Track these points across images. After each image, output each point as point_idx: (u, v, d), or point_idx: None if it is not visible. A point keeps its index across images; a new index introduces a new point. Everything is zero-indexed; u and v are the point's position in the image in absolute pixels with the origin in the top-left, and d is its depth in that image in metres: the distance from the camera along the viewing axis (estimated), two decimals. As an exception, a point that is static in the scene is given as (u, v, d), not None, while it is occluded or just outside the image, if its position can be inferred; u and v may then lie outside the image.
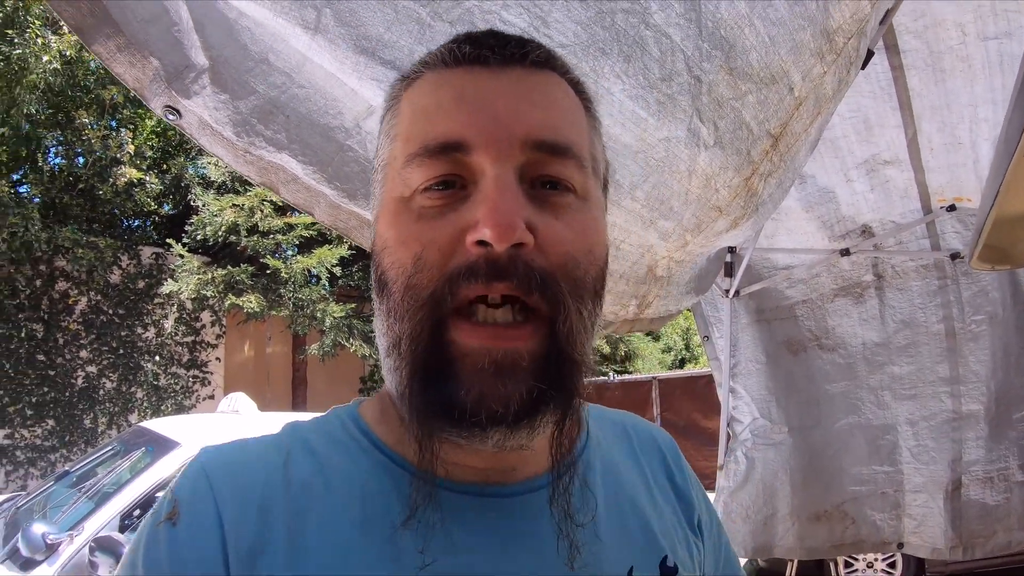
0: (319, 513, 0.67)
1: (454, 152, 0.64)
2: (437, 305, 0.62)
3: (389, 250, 0.66)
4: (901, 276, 3.44)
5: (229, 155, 1.45)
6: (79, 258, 10.61)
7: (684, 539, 0.84)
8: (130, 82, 1.26)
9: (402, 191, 0.67)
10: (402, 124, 0.71)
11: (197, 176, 13.01)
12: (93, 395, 11.40)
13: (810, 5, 1.58)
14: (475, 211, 0.62)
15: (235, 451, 0.73)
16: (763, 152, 1.90)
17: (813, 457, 3.65)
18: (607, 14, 1.38)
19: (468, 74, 0.68)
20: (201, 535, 0.64)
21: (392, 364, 0.67)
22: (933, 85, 2.55)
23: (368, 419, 0.76)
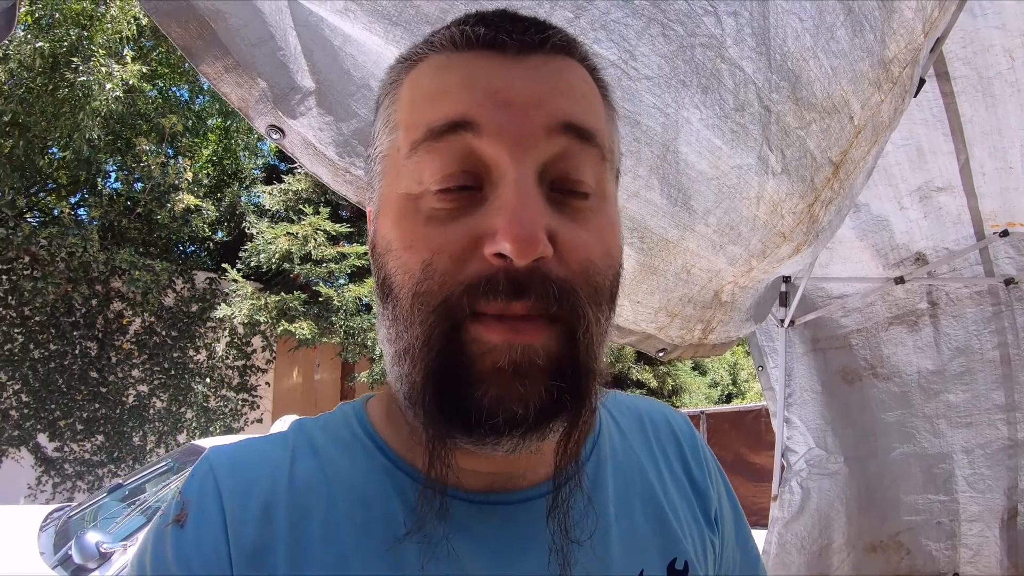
0: (321, 515, 0.66)
1: (463, 131, 0.60)
2: (451, 312, 0.58)
3: (394, 253, 0.62)
4: (955, 303, 3.43)
5: (329, 174, 1.51)
6: (135, 280, 10.84)
7: (699, 535, 0.81)
8: (235, 101, 1.32)
9: (409, 187, 0.62)
10: (403, 111, 0.65)
11: (252, 204, 13.29)
12: (143, 413, 11.58)
13: (868, 36, 1.65)
14: (493, 218, 0.58)
15: (242, 450, 0.72)
16: (825, 179, 1.96)
17: (869, 487, 3.62)
18: (687, 48, 1.46)
19: (480, 59, 0.63)
20: (207, 535, 0.64)
21: (402, 371, 0.63)
22: (984, 111, 2.59)
23: (374, 419, 0.75)
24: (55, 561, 4.34)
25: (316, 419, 0.77)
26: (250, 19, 1.27)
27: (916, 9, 1.76)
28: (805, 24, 1.55)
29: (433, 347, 0.59)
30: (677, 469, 0.86)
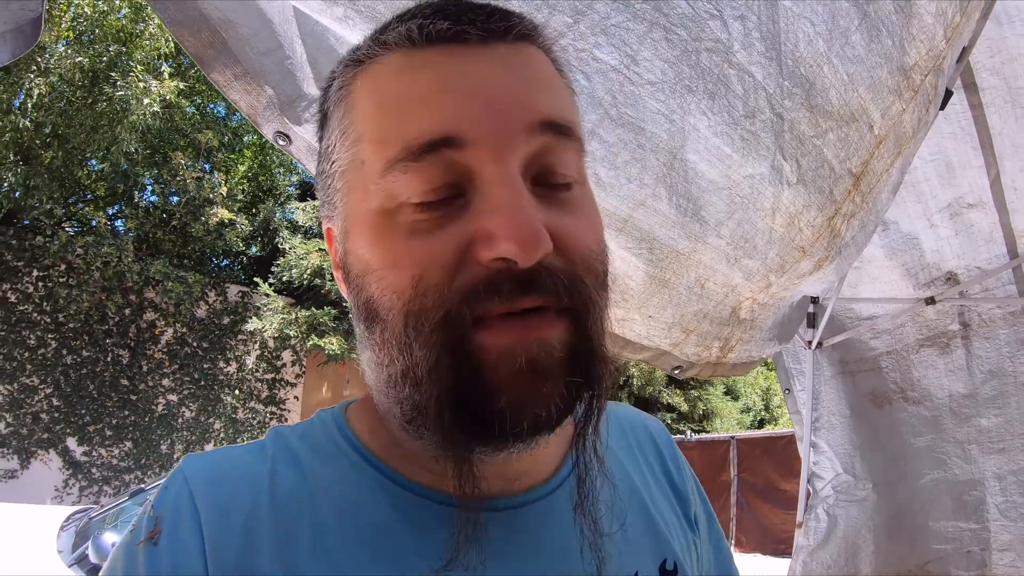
0: (309, 532, 0.62)
1: (445, 149, 0.56)
2: (453, 325, 0.55)
3: (376, 273, 0.58)
4: (988, 324, 3.31)
5: None
6: (168, 291, 11.07)
7: (683, 536, 0.81)
8: (244, 108, 1.33)
9: (383, 203, 0.58)
10: (364, 121, 0.61)
11: (285, 220, 13.47)
12: (172, 422, 11.80)
13: (886, 42, 1.60)
14: (484, 221, 0.55)
15: (219, 462, 0.67)
16: (845, 191, 1.90)
17: (898, 514, 3.51)
18: (692, 53, 1.42)
19: (445, 55, 0.59)
20: (182, 555, 0.60)
21: (402, 395, 0.59)
22: (1014, 122, 2.51)
23: (357, 429, 0.71)
24: (72, 560, 4.45)
25: (294, 427, 0.72)
26: (260, 29, 1.29)
27: (936, 14, 1.70)
28: (818, 28, 1.50)
29: (442, 368, 0.56)
30: (658, 473, 0.85)
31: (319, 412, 0.75)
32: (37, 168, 10.18)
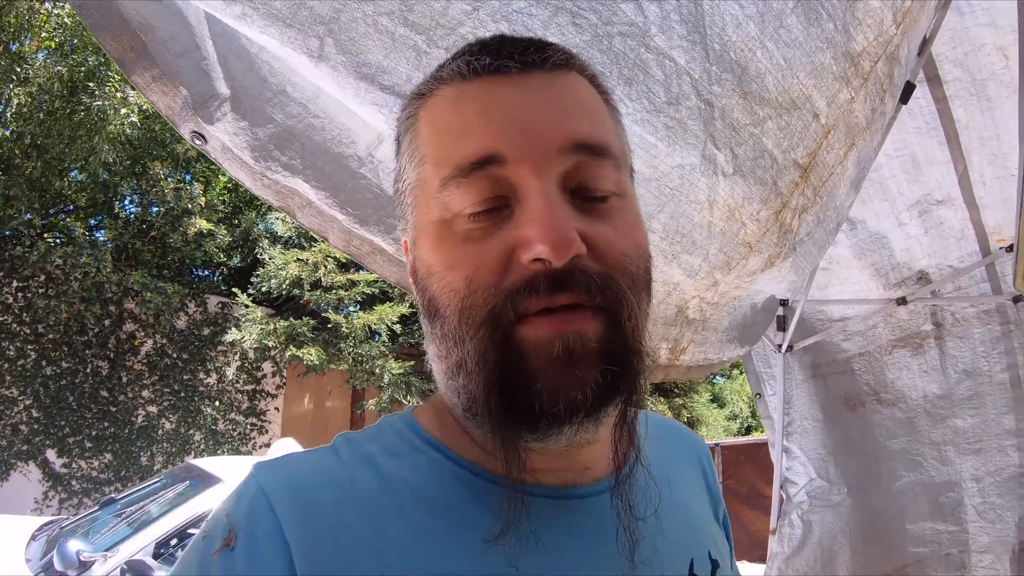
0: (398, 529, 0.65)
1: (489, 166, 0.63)
2: (497, 320, 0.61)
3: (437, 275, 0.66)
4: (962, 323, 3.26)
5: (248, 179, 1.52)
6: (147, 302, 10.93)
7: (718, 533, 0.87)
8: (163, 109, 1.36)
9: (442, 214, 0.66)
10: (426, 145, 0.69)
11: (265, 231, 13.40)
12: (152, 434, 11.64)
13: (827, 26, 1.52)
14: (524, 229, 0.62)
15: (294, 468, 0.69)
16: (792, 184, 1.82)
17: (874, 518, 3.47)
18: (604, 38, 1.35)
19: (490, 85, 0.67)
20: (264, 559, 0.61)
21: (459, 385, 0.66)
22: (980, 115, 2.44)
23: (428, 427, 0.75)
24: (39, 568, 4.47)
25: (360, 433, 0.76)
26: (177, 31, 1.32)
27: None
28: (747, 11, 1.42)
29: (488, 358, 0.62)
30: (697, 474, 0.91)
31: (385, 417, 0.79)
32: (16, 178, 10.08)
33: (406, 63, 1.38)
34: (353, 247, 1.71)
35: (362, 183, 1.63)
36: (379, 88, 1.41)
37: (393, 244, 1.75)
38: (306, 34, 1.33)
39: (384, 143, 1.59)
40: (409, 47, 1.36)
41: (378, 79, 1.40)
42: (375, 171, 1.63)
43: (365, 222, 1.67)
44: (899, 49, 1.83)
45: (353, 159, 1.60)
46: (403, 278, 1.82)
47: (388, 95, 1.42)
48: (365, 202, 1.65)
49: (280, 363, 13.18)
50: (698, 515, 0.84)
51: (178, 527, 4.59)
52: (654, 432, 0.86)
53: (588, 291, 0.61)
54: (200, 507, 4.70)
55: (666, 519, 0.75)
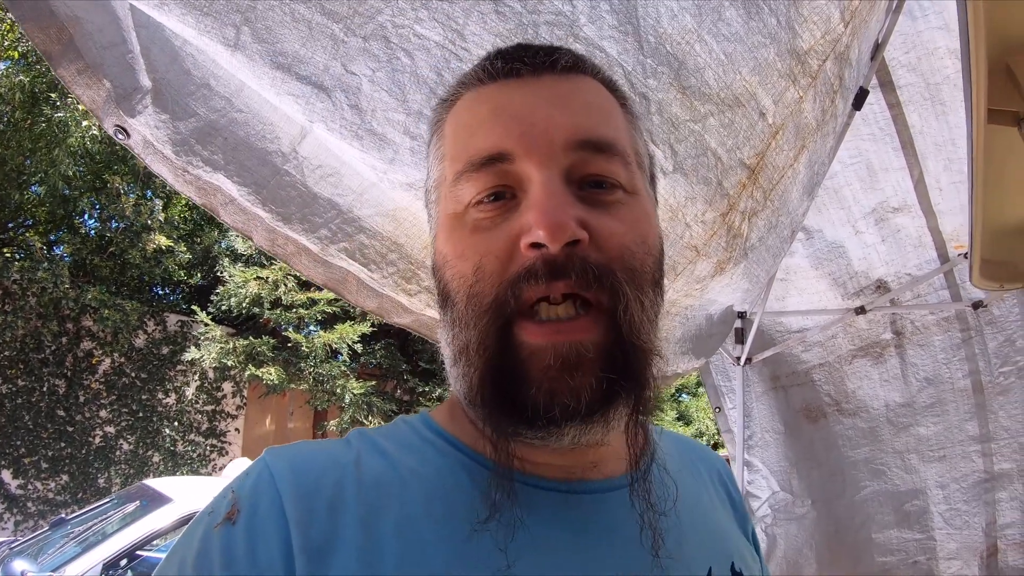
0: (395, 511, 0.65)
1: (498, 163, 0.66)
2: (500, 309, 0.63)
3: (449, 264, 0.69)
4: (922, 331, 3.24)
5: (170, 175, 1.51)
6: (105, 319, 10.74)
7: (745, 547, 0.86)
8: (87, 103, 1.35)
9: (455, 207, 0.69)
10: (447, 145, 0.74)
11: (226, 248, 13.25)
12: (109, 455, 11.41)
13: (770, 21, 1.47)
14: (526, 216, 0.64)
15: (301, 450, 0.71)
16: (739, 185, 1.76)
17: (839, 529, 3.44)
18: (529, 26, 1.32)
19: (503, 87, 0.71)
20: (261, 534, 0.62)
21: (460, 371, 0.68)
22: (934, 120, 2.41)
23: (441, 422, 0.76)
24: None
25: (377, 429, 0.77)
26: (104, 24, 1.31)
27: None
28: (683, 3, 1.37)
29: (487, 348, 0.64)
30: (720, 489, 0.91)
31: (401, 416, 0.80)
32: (-25, 191, 9.93)
33: (323, 52, 1.34)
34: (278, 246, 1.67)
35: (286, 180, 1.59)
36: (296, 78, 1.37)
37: (318, 243, 1.70)
38: (222, 22, 1.30)
39: (307, 138, 1.55)
40: (326, 36, 1.32)
41: (295, 69, 1.36)
42: (299, 167, 1.60)
43: (289, 220, 1.64)
44: (849, 50, 1.78)
45: (277, 155, 1.57)
46: (329, 279, 1.78)
47: (305, 85, 1.38)
48: (289, 199, 1.62)
49: (240, 383, 13.02)
50: (720, 526, 0.84)
51: (127, 547, 4.54)
52: (671, 448, 0.88)
53: (585, 279, 0.62)
54: (149, 527, 4.65)
55: (685, 523, 0.76)
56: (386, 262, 1.78)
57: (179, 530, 4.76)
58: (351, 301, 1.86)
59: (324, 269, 1.77)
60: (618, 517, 0.70)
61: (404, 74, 1.37)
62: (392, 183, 1.56)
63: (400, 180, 1.54)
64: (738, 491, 0.95)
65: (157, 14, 1.32)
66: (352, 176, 1.63)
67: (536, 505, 0.68)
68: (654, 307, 0.68)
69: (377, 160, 1.50)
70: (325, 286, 1.82)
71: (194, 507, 4.82)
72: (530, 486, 0.69)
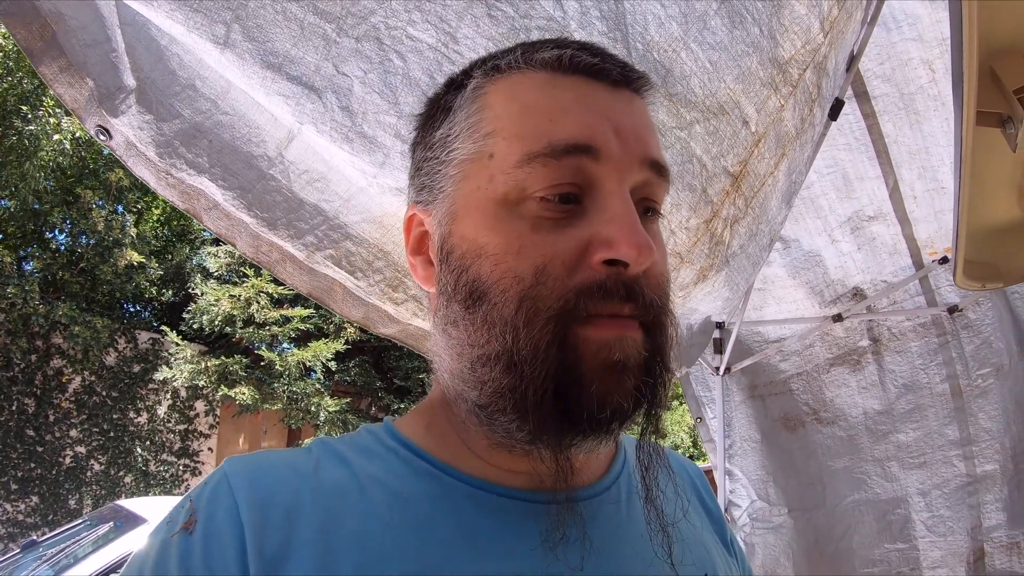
0: (355, 518, 0.64)
1: (583, 155, 0.63)
2: (567, 317, 0.61)
3: (494, 257, 0.63)
4: (899, 338, 3.27)
5: (152, 178, 1.48)
6: (75, 336, 10.56)
7: (723, 556, 0.86)
8: (69, 102, 1.33)
9: (509, 192, 0.64)
10: (501, 120, 0.67)
11: (198, 265, 13.12)
12: (80, 476, 11.16)
13: (753, 30, 1.49)
14: (601, 228, 0.62)
15: (260, 459, 0.70)
16: (723, 192, 1.78)
17: (818, 539, 3.42)
18: (521, 31, 1.33)
19: (588, 85, 0.67)
20: (217, 542, 0.61)
21: (487, 376, 0.64)
22: (908, 129, 2.46)
23: (407, 432, 0.74)
24: None
25: (339, 438, 0.75)
26: (88, 21, 1.30)
27: (809, 4, 1.61)
28: (669, 11, 1.39)
29: (550, 354, 0.60)
30: (695, 500, 0.91)
31: (364, 425, 0.78)
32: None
33: (315, 52, 1.34)
34: (262, 253, 1.66)
35: (271, 184, 1.58)
36: (286, 78, 1.37)
37: (303, 250, 1.68)
38: (212, 19, 1.30)
39: (294, 141, 1.54)
40: (318, 36, 1.32)
41: (285, 68, 1.36)
42: (285, 172, 1.58)
43: (274, 226, 1.62)
44: (827, 60, 1.81)
45: (263, 159, 1.55)
46: (314, 288, 1.76)
47: (295, 85, 1.37)
48: (274, 204, 1.60)
49: (213, 402, 12.84)
50: (700, 536, 0.84)
51: (102, 569, 4.42)
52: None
53: (644, 306, 0.63)
54: (125, 548, 4.55)
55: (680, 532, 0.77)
56: (372, 270, 1.76)
57: None
58: (336, 311, 1.84)
59: (309, 277, 1.75)
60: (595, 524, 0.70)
61: (396, 76, 1.36)
62: (381, 188, 1.55)
63: (390, 184, 1.53)
64: (714, 499, 0.95)
65: (145, 10, 1.31)
66: (339, 181, 1.62)
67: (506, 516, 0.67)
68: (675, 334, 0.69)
69: (367, 164, 1.49)
70: (310, 295, 1.80)
71: None
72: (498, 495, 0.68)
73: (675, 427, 20.97)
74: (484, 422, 0.66)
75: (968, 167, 1.07)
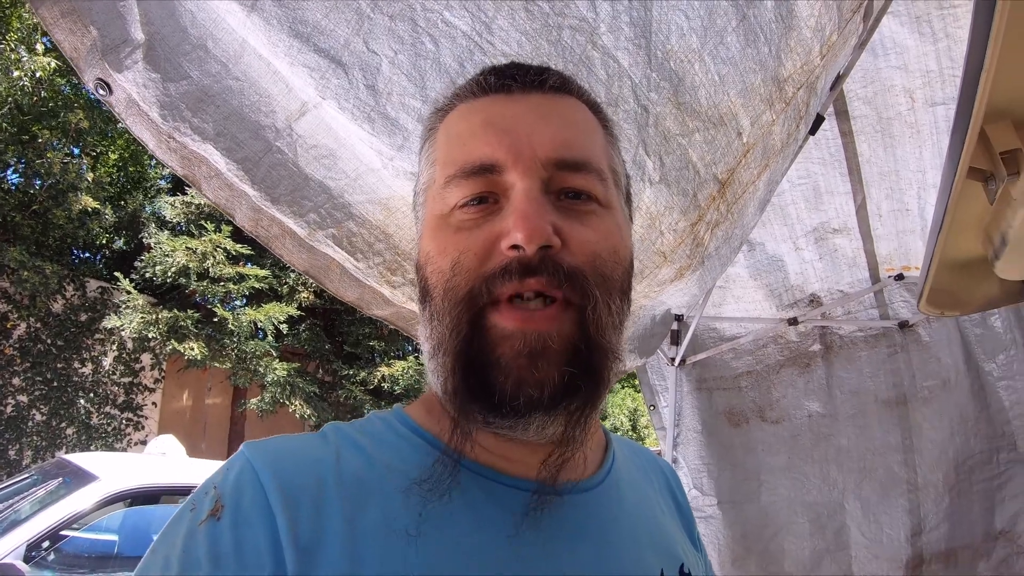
0: (377, 508, 0.66)
1: (488, 173, 0.72)
2: (474, 300, 0.67)
3: (431, 260, 0.73)
4: (849, 346, 3.40)
5: (153, 140, 1.43)
6: (23, 280, 10.32)
7: (692, 552, 0.91)
8: (67, 50, 1.26)
9: (441, 209, 0.74)
10: (439, 151, 0.79)
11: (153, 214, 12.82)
12: (21, 426, 10.91)
13: (763, 49, 1.56)
14: (507, 220, 0.69)
15: (281, 445, 0.72)
16: (710, 197, 1.86)
17: (746, 535, 3.48)
18: (553, 28, 1.35)
19: (494, 102, 0.77)
20: (248, 529, 0.62)
21: (437, 364, 0.71)
22: (882, 151, 2.57)
23: (416, 418, 0.79)
24: None
25: (351, 424, 0.79)
26: None
27: (815, 28, 1.69)
28: (692, 23, 1.44)
29: (460, 333, 0.68)
30: (667, 496, 0.97)
31: (374, 412, 0.82)
32: None
33: (346, 26, 1.32)
34: (261, 228, 1.63)
35: (278, 157, 1.55)
36: (313, 49, 1.35)
37: (305, 227, 1.66)
38: None
39: (307, 115, 1.51)
40: (351, 9, 1.31)
41: (313, 40, 1.34)
42: (292, 146, 1.55)
43: (277, 201, 1.60)
44: (819, 80, 1.90)
45: (270, 129, 1.51)
46: (311, 266, 1.75)
47: (322, 58, 1.36)
48: (279, 179, 1.57)
49: (160, 356, 12.64)
50: (668, 530, 0.88)
51: (51, 527, 4.27)
52: (626, 452, 0.95)
53: (556, 279, 0.67)
54: (75, 506, 4.39)
55: (640, 526, 0.82)
56: (373, 252, 1.77)
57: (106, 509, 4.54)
58: (330, 290, 1.83)
59: (308, 255, 1.74)
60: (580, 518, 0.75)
61: (427, 60, 1.36)
62: (396, 171, 1.55)
63: (406, 168, 1.54)
64: (684, 496, 1.01)
65: None
66: (349, 159, 1.61)
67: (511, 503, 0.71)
68: (620, 314, 0.73)
69: (386, 145, 1.49)
70: (306, 273, 1.78)
71: (122, 486, 4.61)
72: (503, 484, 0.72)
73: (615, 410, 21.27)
74: (456, 408, 0.70)
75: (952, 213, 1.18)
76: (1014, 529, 3.02)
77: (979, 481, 3.13)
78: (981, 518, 3.12)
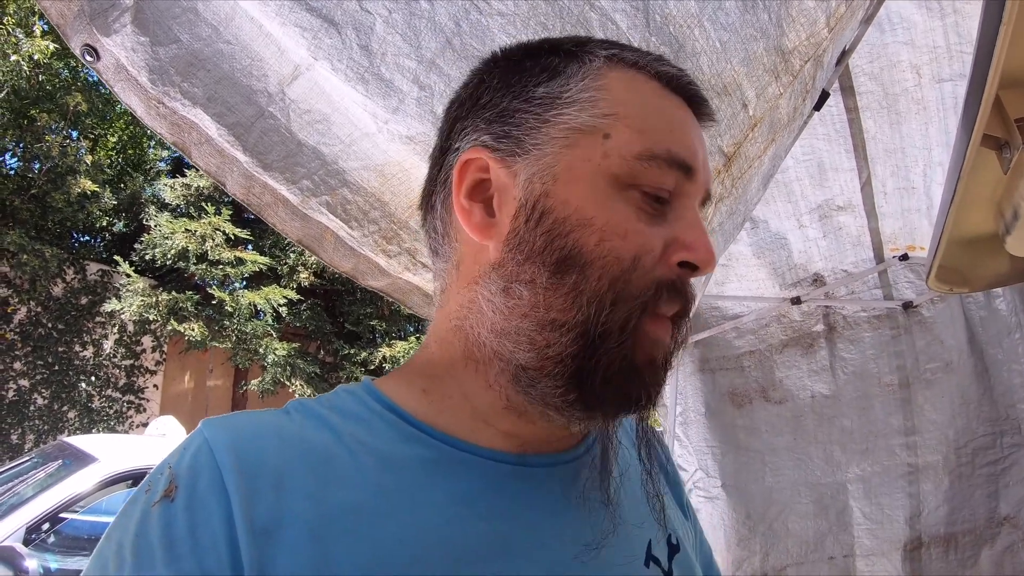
0: (345, 485, 0.63)
1: (683, 172, 0.69)
2: (644, 307, 0.66)
3: (598, 232, 0.66)
4: (853, 327, 3.37)
5: (141, 106, 1.39)
6: (23, 264, 10.28)
7: (681, 519, 0.90)
8: (54, 16, 1.23)
9: (621, 174, 0.67)
10: (623, 107, 0.70)
11: (153, 196, 12.80)
12: (23, 410, 10.91)
13: (762, 16, 1.53)
14: (681, 232, 0.69)
15: (240, 422, 0.67)
16: (715, 171, 1.83)
17: (750, 516, 3.49)
18: None
19: (684, 108, 0.74)
20: (202, 510, 0.59)
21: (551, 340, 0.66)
22: (888, 128, 2.53)
23: (388, 392, 0.74)
24: None
25: (316, 399, 0.74)
26: None
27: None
28: (690, -14, 1.40)
29: (625, 333, 0.66)
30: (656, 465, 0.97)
31: (341, 386, 0.78)
32: None
33: None
34: (253, 196, 1.59)
35: (270, 123, 1.51)
36: (306, 9, 1.31)
37: (298, 195, 1.62)
38: None
39: (300, 79, 1.47)
40: None
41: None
42: (285, 111, 1.51)
43: (269, 168, 1.56)
44: (826, 54, 1.86)
45: (262, 94, 1.48)
46: (305, 235, 1.71)
47: (315, 17, 1.32)
48: (271, 145, 1.53)
49: (161, 338, 12.64)
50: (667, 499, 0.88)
51: (50, 510, 4.24)
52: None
53: (689, 306, 0.71)
54: (74, 488, 4.37)
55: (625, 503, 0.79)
56: (368, 220, 1.73)
57: (106, 491, 4.51)
58: (325, 260, 1.79)
59: (301, 224, 1.71)
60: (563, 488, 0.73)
61: (421, 19, 1.32)
62: (391, 134, 1.51)
63: (401, 132, 1.49)
64: (672, 463, 0.99)
65: None
66: (343, 124, 1.57)
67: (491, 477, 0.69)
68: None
69: (380, 108, 1.45)
70: (299, 243, 1.74)
71: (121, 467, 4.59)
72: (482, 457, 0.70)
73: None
74: (522, 383, 0.68)
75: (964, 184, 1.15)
76: (1020, 515, 3.01)
77: (982, 465, 3.12)
78: (984, 503, 3.10)
